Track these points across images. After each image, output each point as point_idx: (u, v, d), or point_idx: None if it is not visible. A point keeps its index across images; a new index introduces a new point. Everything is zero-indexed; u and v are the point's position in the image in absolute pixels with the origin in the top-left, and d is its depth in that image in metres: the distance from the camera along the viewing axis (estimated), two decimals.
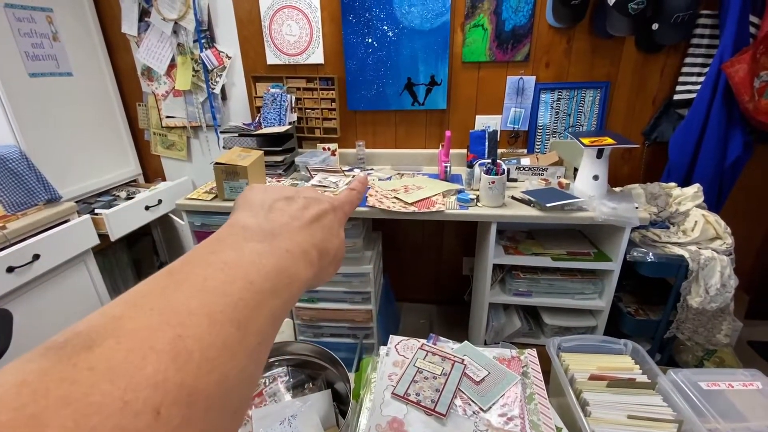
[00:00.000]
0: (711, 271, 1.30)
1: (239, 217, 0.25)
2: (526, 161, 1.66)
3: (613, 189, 1.51)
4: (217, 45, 1.87)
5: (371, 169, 1.86)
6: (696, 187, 1.44)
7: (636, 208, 1.32)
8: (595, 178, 1.39)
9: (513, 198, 1.44)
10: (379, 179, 1.70)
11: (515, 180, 1.63)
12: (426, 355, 0.69)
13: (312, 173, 1.64)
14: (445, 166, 1.63)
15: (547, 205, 1.33)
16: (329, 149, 1.90)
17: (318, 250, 0.26)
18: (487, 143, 1.63)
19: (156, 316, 0.16)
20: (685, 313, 1.36)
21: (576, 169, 1.52)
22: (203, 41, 1.85)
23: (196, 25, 1.81)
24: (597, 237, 1.53)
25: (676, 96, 1.62)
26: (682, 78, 1.60)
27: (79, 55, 1.81)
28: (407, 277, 2.22)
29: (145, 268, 2.28)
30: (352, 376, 0.71)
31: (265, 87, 1.85)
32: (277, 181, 1.69)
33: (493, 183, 1.35)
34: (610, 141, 1.35)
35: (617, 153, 1.78)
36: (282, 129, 1.73)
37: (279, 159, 1.73)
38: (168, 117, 2.06)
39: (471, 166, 1.55)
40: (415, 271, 2.20)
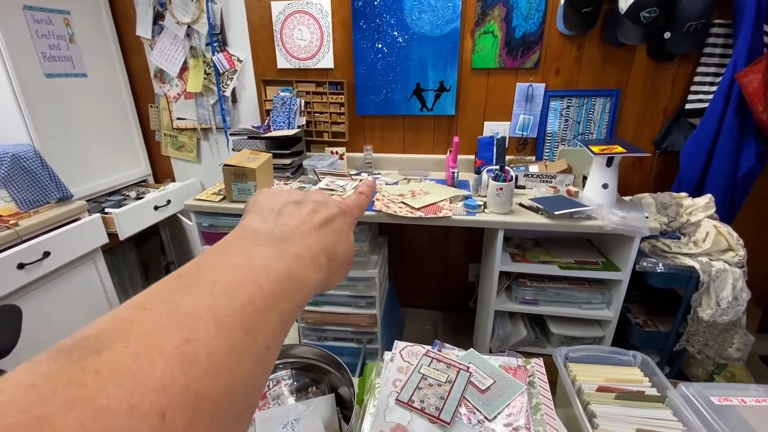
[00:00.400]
0: (722, 283, 1.27)
1: (249, 221, 0.25)
2: (534, 168, 1.65)
3: (623, 198, 1.50)
4: (228, 48, 1.90)
5: (378, 174, 1.86)
6: (708, 198, 1.42)
7: (646, 217, 1.30)
8: (605, 186, 1.37)
9: (521, 205, 1.44)
10: (386, 184, 1.70)
11: (523, 187, 1.62)
12: (431, 361, 0.68)
13: (319, 176, 1.65)
14: (453, 172, 1.62)
15: (556, 212, 1.32)
16: (337, 153, 1.91)
17: (327, 254, 0.26)
18: (495, 150, 1.62)
19: (164, 320, 0.16)
20: (696, 325, 1.33)
21: (585, 177, 1.51)
22: (215, 45, 1.87)
23: (209, 28, 1.83)
24: (605, 246, 1.51)
25: (688, 105, 1.61)
26: (694, 87, 1.59)
27: (94, 56, 1.85)
28: (412, 283, 2.21)
29: (153, 268, 2.30)
30: (355, 381, 0.70)
31: (275, 90, 1.87)
32: (285, 184, 1.70)
33: (500, 189, 1.34)
34: (620, 149, 1.34)
35: (627, 162, 1.77)
36: (291, 132, 1.74)
37: (287, 162, 1.74)
38: (179, 119, 2.08)
39: (479, 172, 1.55)
40: (421, 276, 2.20)
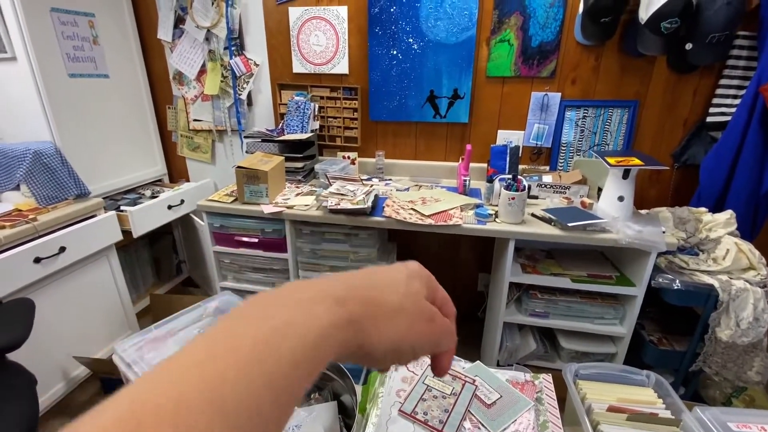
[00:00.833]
0: (743, 303, 1.22)
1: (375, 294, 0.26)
2: (548, 178, 1.62)
3: (639, 211, 1.46)
4: (246, 53, 1.93)
5: (389, 179, 1.86)
6: (729, 213, 1.37)
7: (663, 232, 1.27)
8: (620, 199, 1.34)
9: (533, 215, 1.41)
10: (396, 190, 1.70)
11: (536, 197, 1.60)
12: None
13: (330, 181, 1.65)
14: (465, 180, 1.61)
15: (569, 224, 1.29)
16: (349, 158, 1.91)
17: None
18: (508, 158, 1.61)
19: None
20: (714, 346, 1.28)
21: (600, 189, 1.48)
22: (233, 49, 1.90)
23: (228, 33, 1.87)
24: (620, 260, 1.47)
25: (710, 118, 1.57)
26: (716, 100, 1.55)
27: (117, 58, 1.90)
28: None
29: (165, 266, 2.34)
30: (359, 389, 0.69)
31: (289, 95, 1.89)
32: (296, 187, 1.70)
33: (513, 199, 1.32)
34: (637, 162, 1.31)
35: (644, 174, 1.73)
36: (304, 136, 1.75)
37: (299, 165, 1.75)
38: (195, 120, 2.12)
39: (491, 181, 1.53)
40: None
